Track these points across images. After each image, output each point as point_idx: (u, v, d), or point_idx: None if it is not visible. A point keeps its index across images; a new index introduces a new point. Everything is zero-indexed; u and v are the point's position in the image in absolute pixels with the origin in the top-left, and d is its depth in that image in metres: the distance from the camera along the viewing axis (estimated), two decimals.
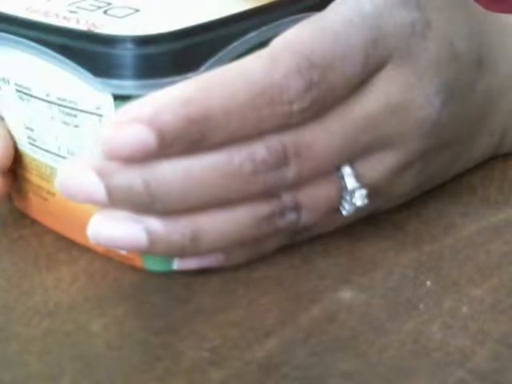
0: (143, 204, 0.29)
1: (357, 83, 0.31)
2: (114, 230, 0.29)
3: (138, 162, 0.28)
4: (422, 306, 0.30)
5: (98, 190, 0.28)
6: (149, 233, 0.29)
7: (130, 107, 0.28)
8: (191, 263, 0.31)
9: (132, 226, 0.29)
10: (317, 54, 0.29)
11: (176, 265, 0.31)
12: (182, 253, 0.30)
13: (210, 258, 0.31)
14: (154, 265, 0.32)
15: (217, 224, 0.30)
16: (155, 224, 0.29)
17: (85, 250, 0.34)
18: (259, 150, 0.29)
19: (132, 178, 0.28)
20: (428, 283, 0.31)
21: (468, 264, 0.32)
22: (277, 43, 0.30)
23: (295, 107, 0.29)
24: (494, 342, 0.28)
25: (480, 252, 0.33)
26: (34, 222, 0.36)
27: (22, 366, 0.28)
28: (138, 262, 0.32)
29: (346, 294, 0.31)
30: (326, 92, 0.29)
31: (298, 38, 0.30)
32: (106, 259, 0.33)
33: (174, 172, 0.28)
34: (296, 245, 0.33)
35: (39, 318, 0.30)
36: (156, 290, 0.32)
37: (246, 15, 0.31)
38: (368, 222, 0.35)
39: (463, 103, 0.34)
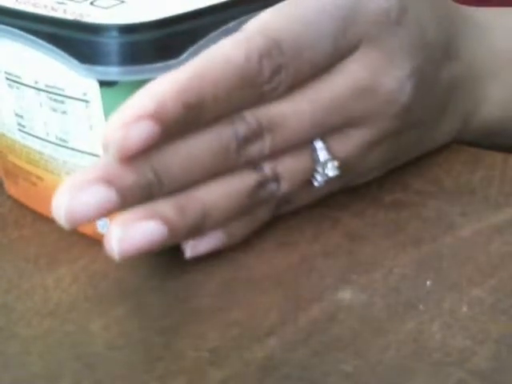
0: (152, 193, 0.30)
1: (325, 68, 0.32)
2: (135, 234, 0.29)
3: (145, 152, 0.29)
4: (421, 306, 0.30)
5: (111, 199, 0.29)
6: (167, 223, 0.30)
7: (132, 104, 0.29)
8: (202, 247, 0.32)
9: (150, 224, 0.30)
10: (287, 41, 0.31)
11: (189, 252, 0.32)
12: (198, 232, 0.31)
13: (214, 239, 0.32)
14: None
15: (219, 197, 0.31)
16: (169, 213, 0.30)
17: (85, 250, 0.34)
18: (240, 127, 0.31)
19: (143, 171, 0.29)
20: (428, 283, 0.31)
21: (468, 264, 0.32)
22: (252, 28, 0.31)
23: (266, 88, 0.31)
24: (494, 342, 0.28)
25: (480, 252, 0.33)
26: (34, 221, 0.36)
27: (22, 366, 0.28)
28: None
29: (346, 294, 0.31)
30: (294, 75, 0.31)
31: (271, 25, 0.31)
32: (106, 259, 0.33)
33: (178, 157, 0.30)
34: (295, 245, 0.33)
35: (39, 318, 0.30)
36: (156, 290, 0.32)
37: (227, 5, 0.32)
38: (368, 222, 0.35)
39: (429, 88, 0.36)
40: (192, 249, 0.32)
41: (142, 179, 0.29)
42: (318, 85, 0.32)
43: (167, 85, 0.29)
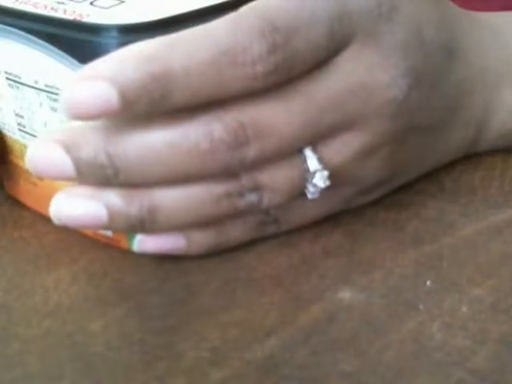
0: (107, 176, 0.29)
1: (321, 57, 0.30)
2: (75, 207, 0.30)
3: (102, 118, 0.28)
4: (421, 306, 0.30)
5: (66, 165, 0.29)
6: (108, 207, 0.30)
7: (93, 64, 0.28)
8: (151, 244, 0.32)
9: (91, 203, 0.30)
10: (281, 19, 0.29)
11: (136, 246, 0.32)
12: (142, 228, 0.30)
13: (170, 241, 0.32)
14: None
15: (174, 198, 0.30)
16: (114, 199, 0.30)
17: (84, 250, 0.34)
18: (217, 128, 0.29)
19: (96, 150, 0.29)
20: (428, 283, 0.31)
21: (468, 264, 0.32)
22: (244, 8, 0.30)
23: (258, 69, 0.29)
24: (494, 342, 0.28)
25: (480, 252, 0.33)
26: (33, 222, 0.36)
27: (21, 366, 0.28)
28: (124, 243, 0.33)
29: (346, 294, 0.31)
30: (291, 58, 0.29)
31: (263, 3, 0.30)
32: (105, 259, 0.33)
33: (135, 145, 0.29)
34: (296, 245, 0.33)
35: (39, 318, 0.30)
36: (156, 290, 0.32)
37: (226, 6, 0.32)
38: (368, 222, 0.35)
39: (434, 91, 0.34)
40: (139, 243, 0.32)
41: (94, 156, 0.29)
42: (310, 81, 0.30)
43: (133, 51, 0.28)
